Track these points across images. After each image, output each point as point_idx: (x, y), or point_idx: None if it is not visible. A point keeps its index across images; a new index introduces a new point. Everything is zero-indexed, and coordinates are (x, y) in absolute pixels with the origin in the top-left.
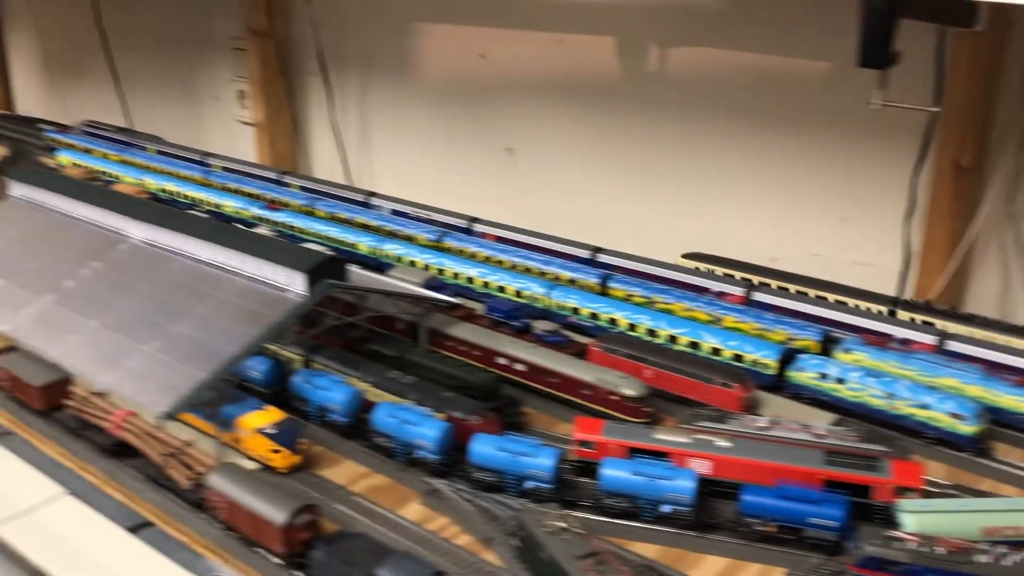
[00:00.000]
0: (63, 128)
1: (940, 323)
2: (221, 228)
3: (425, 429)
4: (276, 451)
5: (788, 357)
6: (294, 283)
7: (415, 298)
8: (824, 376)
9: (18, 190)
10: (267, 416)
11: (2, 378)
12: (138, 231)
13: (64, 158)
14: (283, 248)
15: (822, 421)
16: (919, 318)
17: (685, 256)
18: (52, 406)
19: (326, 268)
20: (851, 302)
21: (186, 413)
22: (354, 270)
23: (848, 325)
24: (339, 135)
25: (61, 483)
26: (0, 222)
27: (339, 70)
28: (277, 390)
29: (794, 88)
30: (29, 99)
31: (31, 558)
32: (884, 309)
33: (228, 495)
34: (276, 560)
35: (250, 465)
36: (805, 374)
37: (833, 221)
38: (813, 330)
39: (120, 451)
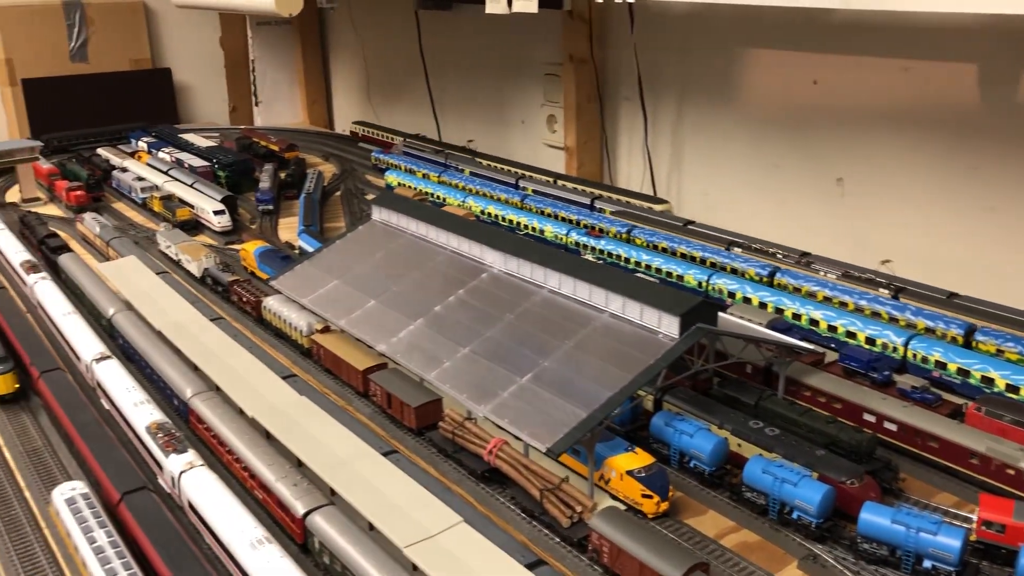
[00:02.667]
0: (386, 147)
1: None
2: (583, 263)
3: (805, 490)
4: (647, 496)
5: None
6: (665, 325)
7: (778, 344)
8: None
9: (379, 214)
10: (637, 459)
11: (376, 395)
12: (497, 261)
13: (392, 178)
14: (652, 289)
15: None
16: None
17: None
18: (424, 425)
19: (699, 312)
20: None
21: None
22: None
23: None
24: (650, 160)
25: (447, 505)
26: (366, 244)
27: (654, 95)
28: (630, 428)
29: None
30: (346, 119)
31: None
32: None
33: (613, 540)
34: None
35: (618, 507)
36: None
37: None
38: None
39: (490, 477)
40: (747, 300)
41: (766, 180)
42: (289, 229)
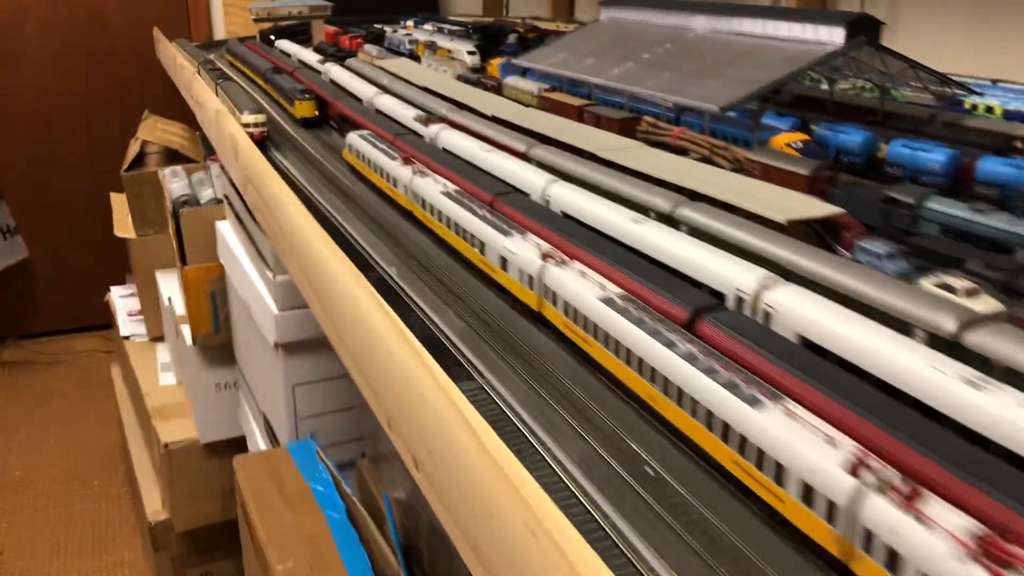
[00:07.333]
0: None
1: None
2: (774, 9)
3: None
4: None
5: None
6: (834, 37)
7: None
8: None
9: (607, 14)
10: (795, 136)
11: (586, 119)
12: (704, 23)
13: None
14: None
15: None
16: None
17: None
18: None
19: (861, 24)
20: None
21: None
22: None
23: None
24: None
25: None
26: (594, 35)
27: None
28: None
29: None
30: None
31: None
32: None
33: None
34: None
35: None
36: None
37: None
38: None
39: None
40: None
41: None
42: None
